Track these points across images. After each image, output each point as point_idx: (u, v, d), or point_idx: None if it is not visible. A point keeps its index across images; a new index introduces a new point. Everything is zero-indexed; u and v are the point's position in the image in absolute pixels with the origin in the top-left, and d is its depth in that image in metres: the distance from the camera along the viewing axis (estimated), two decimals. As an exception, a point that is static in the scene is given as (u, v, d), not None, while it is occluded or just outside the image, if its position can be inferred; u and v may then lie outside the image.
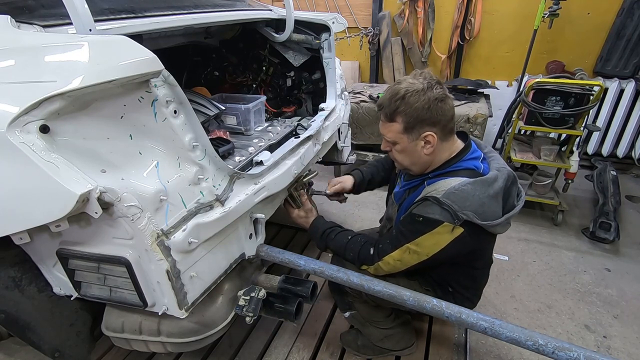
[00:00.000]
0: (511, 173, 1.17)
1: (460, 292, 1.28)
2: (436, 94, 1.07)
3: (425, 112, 1.07)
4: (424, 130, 1.10)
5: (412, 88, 1.08)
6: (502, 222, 1.08)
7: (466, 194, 1.05)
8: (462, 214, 1.03)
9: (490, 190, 1.08)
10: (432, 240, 1.09)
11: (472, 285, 1.31)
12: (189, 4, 1.32)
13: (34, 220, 0.75)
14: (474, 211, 1.03)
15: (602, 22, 3.01)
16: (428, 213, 1.07)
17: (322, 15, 1.82)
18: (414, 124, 1.10)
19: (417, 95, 1.07)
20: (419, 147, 1.14)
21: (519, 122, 2.51)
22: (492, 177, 1.10)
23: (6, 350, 1.58)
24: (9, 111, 0.67)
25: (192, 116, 0.92)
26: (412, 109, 1.07)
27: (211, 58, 2.02)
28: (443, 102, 1.08)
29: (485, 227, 1.06)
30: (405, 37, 3.65)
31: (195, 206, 0.97)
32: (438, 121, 1.09)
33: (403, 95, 1.08)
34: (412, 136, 1.12)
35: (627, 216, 2.68)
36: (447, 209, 1.04)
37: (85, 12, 0.78)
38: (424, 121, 1.09)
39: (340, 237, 1.32)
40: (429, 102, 1.06)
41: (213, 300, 1.14)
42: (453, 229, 1.05)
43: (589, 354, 0.95)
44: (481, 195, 1.06)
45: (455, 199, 1.04)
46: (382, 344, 1.46)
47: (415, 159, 1.18)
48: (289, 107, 2.02)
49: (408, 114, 1.09)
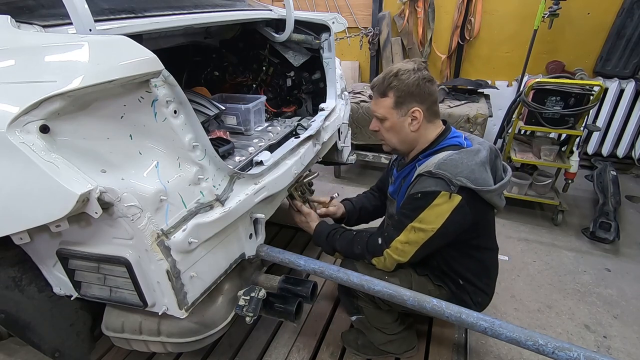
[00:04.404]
0: (493, 146, 1.24)
1: (472, 283, 1.27)
2: (425, 74, 1.19)
3: (415, 87, 1.17)
4: (412, 106, 1.20)
5: (404, 67, 1.19)
6: (496, 189, 1.14)
7: (456, 162, 1.12)
8: (456, 179, 1.08)
9: (476, 158, 1.14)
10: (433, 213, 1.12)
11: (482, 272, 1.30)
12: (189, 4, 1.32)
13: (34, 220, 0.75)
14: (467, 177, 1.09)
15: (602, 22, 3.01)
16: (424, 187, 1.13)
17: (322, 15, 1.82)
18: (404, 99, 1.19)
19: (409, 73, 1.18)
20: (406, 124, 1.23)
21: (519, 122, 2.51)
22: (475, 148, 1.18)
23: (6, 350, 1.58)
24: (9, 111, 0.67)
25: (192, 116, 0.92)
26: (404, 84, 1.17)
27: (211, 58, 2.02)
28: (430, 83, 1.20)
29: (480, 193, 1.12)
30: (405, 37, 3.65)
31: (195, 206, 0.97)
32: (425, 99, 1.20)
33: (396, 73, 1.18)
34: (401, 111, 1.21)
35: (627, 216, 2.68)
36: (441, 177, 1.10)
37: (85, 12, 0.78)
38: (413, 97, 1.19)
39: (346, 235, 1.34)
40: (419, 80, 1.17)
41: (213, 300, 1.14)
42: (451, 196, 1.09)
43: (589, 354, 0.95)
44: (469, 162, 1.12)
45: (446, 168, 1.11)
46: (385, 348, 1.46)
47: (403, 135, 1.25)
48: (289, 107, 2.02)
49: (400, 89, 1.18)
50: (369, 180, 3.18)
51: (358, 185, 3.18)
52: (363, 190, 1.69)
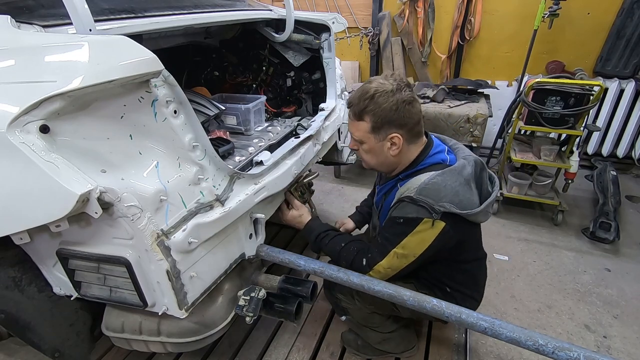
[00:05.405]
0: (478, 160, 1.20)
1: (459, 291, 1.27)
2: (404, 96, 1.08)
3: (393, 113, 1.08)
4: (390, 132, 1.12)
5: (382, 88, 1.09)
6: (482, 209, 1.09)
7: (438, 186, 1.06)
8: (439, 206, 1.04)
9: (460, 178, 1.09)
10: (416, 240, 1.09)
11: (470, 282, 1.30)
12: (189, 4, 1.32)
13: (34, 220, 0.75)
14: (450, 201, 1.04)
15: (602, 22, 3.01)
16: (406, 213, 1.08)
17: (322, 15, 1.82)
18: (381, 125, 1.11)
19: (386, 96, 1.08)
20: (385, 148, 1.16)
21: (519, 122, 2.51)
22: (459, 165, 1.12)
23: (6, 350, 1.58)
24: (9, 111, 0.67)
25: (192, 116, 0.92)
26: (380, 109, 1.09)
27: (211, 58, 2.02)
28: (411, 105, 1.10)
29: (466, 217, 1.06)
30: (405, 37, 3.65)
31: (195, 206, 0.97)
32: (405, 124, 1.11)
33: (372, 95, 1.09)
34: (379, 137, 1.14)
35: (627, 216, 2.68)
36: (423, 205, 1.05)
37: (85, 12, 0.78)
38: (391, 122, 1.10)
39: (334, 244, 1.29)
40: (397, 104, 1.08)
41: (213, 300, 1.14)
42: (434, 224, 1.05)
43: (589, 354, 0.95)
44: (453, 184, 1.07)
45: (428, 193, 1.06)
46: (381, 347, 1.46)
47: (382, 159, 1.20)
48: (289, 107, 2.02)
49: (376, 114, 1.10)
50: (369, 181, 3.17)
51: (358, 185, 3.17)
52: (363, 190, 1.70)
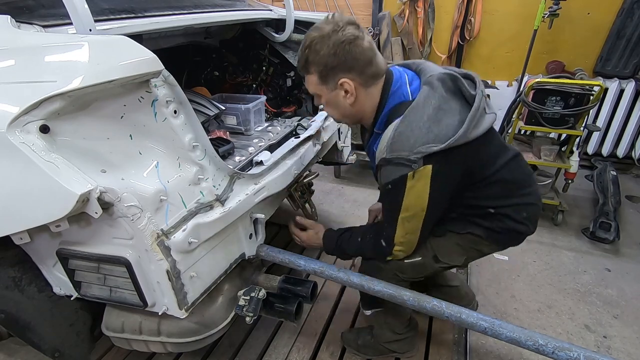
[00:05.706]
0: (445, 75, 1.04)
1: (506, 205, 1.15)
2: (342, 36, 0.96)
3: (332, 58, 0.98)
4: (338, 78, 1.02)
5: (319, 33, 0.99)
6: (466, 129, 0.95)
7: (404, 134, 0.97)
8: (414, 154, 0.95)
9: (427, 109, 0.98)
10: (413, 197, 1.01)
11: (510, 189, 1.14)
12: (189, 4, 1.32)
13: (34, 220, 0.75)
14: (425, 142, 0.94)
15: (602, 22, 3.00)
16: (389, 177, 1.01)
17: (322, 15, 1.82)
18: (326, 73, 1.02)
19: (322, 41, 0.98)
20: (340, 97, 1.06)
21: (519, 122, 2.51)
22: (421, 98, 1.00)
23: (6, 350, 1.58)
24: (9, 111, 0.67)
25: (192, 116, 0.92)
26: (319, 57, 1.00)
27: (211, 58, 2.02)
28: (352, 45, 0.97)
29: (451, 145, 0.94)
30: (405, 37, 3.65)
31: (195, 206, 0.97)
32: (351, 66, 1.00)
33: (309, 44, 1.00)
34: (329, 86, 1.05)
35: (627, 216, 2.68)
36: (398, 162, 0.97)
37: (85, 12, 0.79)
38: (334, 68, 1.00)
39: (353, 244, 1.25)
40: (335, 47, 0.97)
41: (213, 300, 1.14)
42: (416, 174, 0.97)
43: (589, 354, 0.96)
44: (419, 122, 0.96)
45: (398, 147, 0.97)
46: (389, 346, 1.46)
47: (342, 110, 1.11)
48: (289, 107, 2.02)
49: (318, 63, 1.01)
50: (369, 181, 3.17)
51: (358, 185, 3.17)
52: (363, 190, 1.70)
